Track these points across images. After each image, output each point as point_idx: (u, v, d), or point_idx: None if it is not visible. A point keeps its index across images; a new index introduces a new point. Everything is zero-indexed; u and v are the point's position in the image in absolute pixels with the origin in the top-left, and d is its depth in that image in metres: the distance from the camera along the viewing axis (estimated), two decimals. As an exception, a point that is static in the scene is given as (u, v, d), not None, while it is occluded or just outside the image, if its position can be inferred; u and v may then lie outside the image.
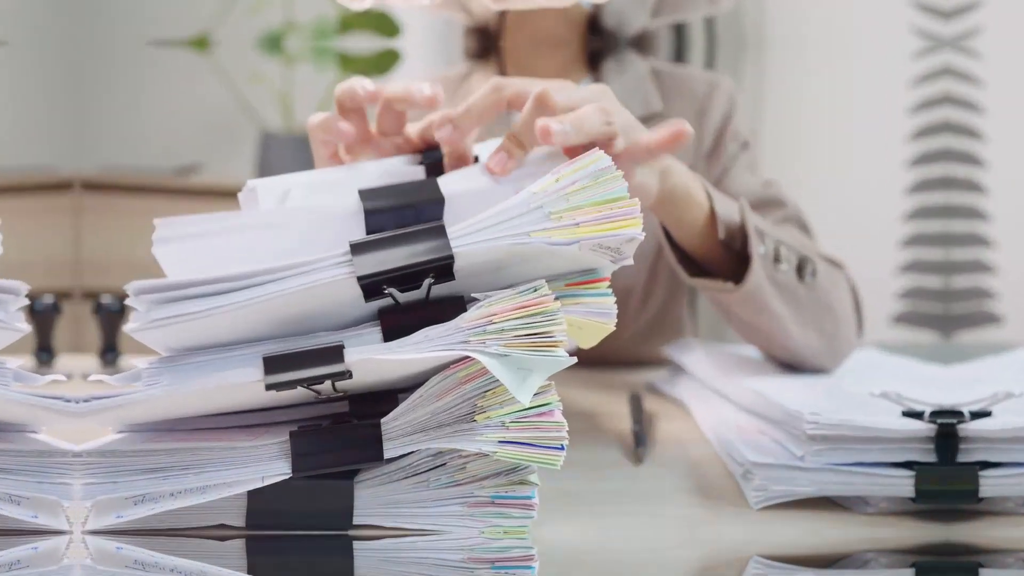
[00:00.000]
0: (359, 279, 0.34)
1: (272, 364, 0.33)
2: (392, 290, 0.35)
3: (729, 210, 0.61)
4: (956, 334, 1.25)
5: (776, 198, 0.79)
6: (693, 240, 0.62)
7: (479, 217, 0.36)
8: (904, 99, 1.52)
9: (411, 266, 0.35)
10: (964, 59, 1.40)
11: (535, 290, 0.36)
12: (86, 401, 0.31)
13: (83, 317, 2.02)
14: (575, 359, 0.38)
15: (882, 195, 1.58)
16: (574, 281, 0.40)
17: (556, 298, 0.37)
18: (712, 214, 0.61)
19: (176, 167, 2.38)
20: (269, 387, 0.32)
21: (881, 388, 0.55)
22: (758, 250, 0.60)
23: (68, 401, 0.31)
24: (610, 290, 0.41)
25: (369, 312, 0.37)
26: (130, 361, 0.77)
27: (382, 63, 2.10)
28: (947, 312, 1.38)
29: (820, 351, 0.67)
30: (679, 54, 2.37)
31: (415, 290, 0.36)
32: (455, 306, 0.37)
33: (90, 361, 0.79)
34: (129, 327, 0.33)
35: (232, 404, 0.36)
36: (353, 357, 0.33)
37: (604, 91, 0.53)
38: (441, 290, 0.38)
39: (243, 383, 0.32)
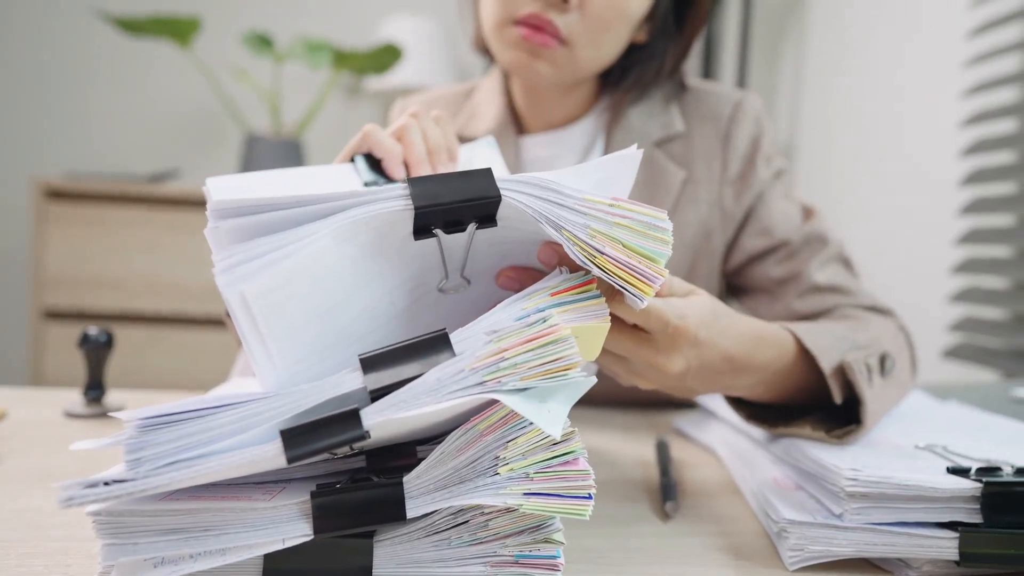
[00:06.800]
0: (416, 209, 0.41)
1: (290, 438, 0.36)
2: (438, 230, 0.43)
3: (832, 360, 0.61)
4: (1022, 374, 1.26)
5: (820, 236, 0.83)
6: (764, 394, 0.63)
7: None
8: (957, 110, 1.54)
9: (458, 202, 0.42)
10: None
11: (544, 321, 0.40)
12: (106, 485, 0.35)
13: (44, 338, 2.07)
14: (595, 379, 0.42)
15: (931, 217, 1.60)
16: (559, 290, 0.44)
17: (542, 310, 0.41)
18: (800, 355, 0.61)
19: (151, 173, 2.43)
20: (291, 460, 0.36)
21: (927, 440, 0.58)
22: (870, 394, 0.59)
23: (96, 486, 0.34)
24: (598, 290, 0.44)
25: None
26: (117, 398, 0.80)
27: (382, 61, 2.13)
28: (1010, 347, 1.39)
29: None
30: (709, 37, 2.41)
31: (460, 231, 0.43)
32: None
33: (72, 396, 0.83)
34: (219, 270, 0.38)
35: (251, 472, 0.39)
36: (371, 420, 0.37)
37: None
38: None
39: (264, 459, 0.35)
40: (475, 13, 0.88)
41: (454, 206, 0.42)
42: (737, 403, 0.65)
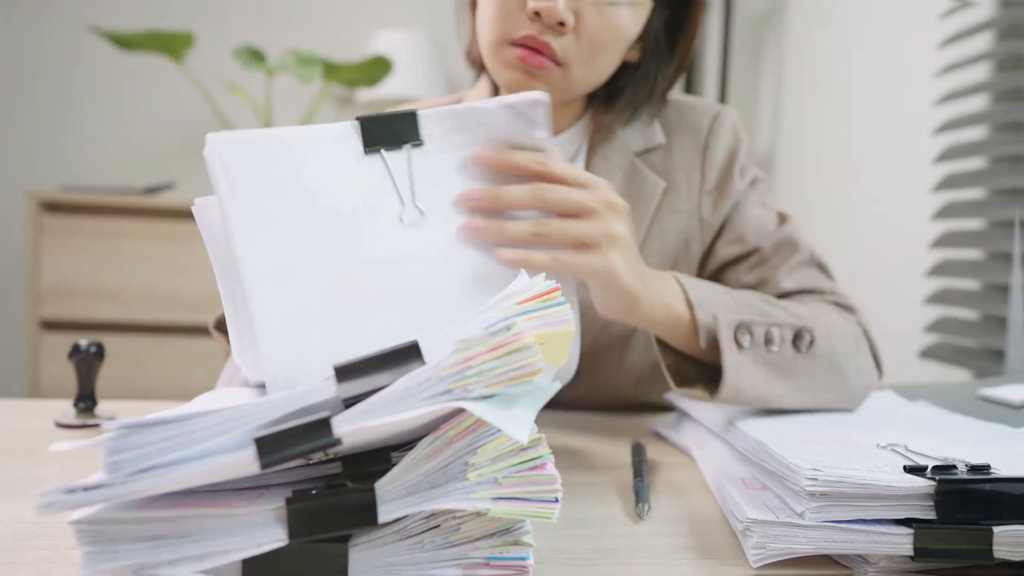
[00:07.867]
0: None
1: (264, 445, 0.37)
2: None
3: (709, 317, 0.69)
4: (993, 372, 1.28)
5: (791, 241, 0.84)
6: (680, 344, 0.71)
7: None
8: (930, 118, 1.56)
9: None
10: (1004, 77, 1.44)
11: (508, 329, 0.40)
12: (86, 490, 0.35)
13: (41, 349, 2.07)
14: (559, 384, 0.42)
15: (907, 221, 1.62)
16: (525, 298, 0.45)
17: (508, 319, 0.42)
18: (694, 323, 0.69)
19: (146, 185, 2.43)
20: (265, 466, 0.37)
21: (889, 439, 0.59)
22: (730, 361, 0.67)
23: (71, 492, 0.35)
24: (564, 299, 0.45)
25: None
26: (109, 408, 0.81)
27: (372, 73, 2.14)
28: (982, 346, 1.40)
29: (833, 402, 0.73)
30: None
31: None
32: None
33: (64, 407, 0.83)
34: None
35: (227, 477, 0.40)
36: (342, 428, 0.38)
37: (599, 184, 0.64)
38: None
39: (240, 465, 0.37)
40: (470, 27, 0.89)
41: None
42: (665, 350, 0.72)
